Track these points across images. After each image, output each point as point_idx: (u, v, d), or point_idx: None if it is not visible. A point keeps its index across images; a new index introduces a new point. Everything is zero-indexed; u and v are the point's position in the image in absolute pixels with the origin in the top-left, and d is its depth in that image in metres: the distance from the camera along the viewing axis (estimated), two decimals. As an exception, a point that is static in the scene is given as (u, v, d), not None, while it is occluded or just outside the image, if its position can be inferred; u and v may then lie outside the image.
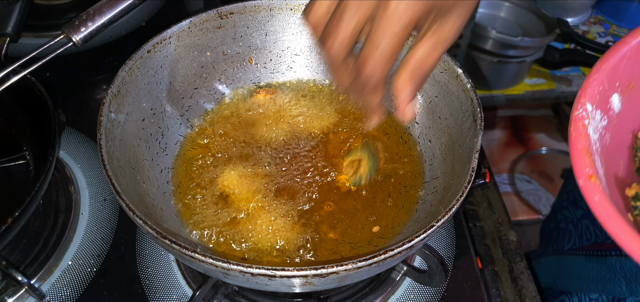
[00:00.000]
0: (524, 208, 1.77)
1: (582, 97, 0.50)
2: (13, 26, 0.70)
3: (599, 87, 0.51)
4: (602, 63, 0.52)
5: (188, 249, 0.42)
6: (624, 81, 0.54)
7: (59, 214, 0.67)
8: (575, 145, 0.47)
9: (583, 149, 0.47)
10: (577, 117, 0.49)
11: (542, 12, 1.57)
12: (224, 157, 0.63)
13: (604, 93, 0.52)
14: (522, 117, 2.04)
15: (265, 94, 0.70)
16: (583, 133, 0.48)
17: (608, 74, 0.52)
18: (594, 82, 0.51)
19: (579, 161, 0.46)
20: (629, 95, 0.55)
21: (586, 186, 0.44)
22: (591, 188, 0.43)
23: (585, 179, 0.44)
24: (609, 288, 0.73)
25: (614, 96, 0.53)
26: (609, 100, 0.53)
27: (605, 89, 0.52)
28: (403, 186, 0.62)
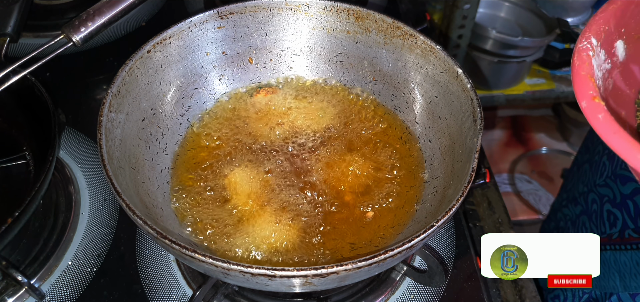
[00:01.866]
0: (524, 208, 1.77)
1: (586, 31, 0.48)
2: (13, 26, 0.70)
3: (604, 26, 0.49)
4: (610, 4, 0.50)
5: (188, 249, 0.42)
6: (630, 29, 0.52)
7: (59, 214, 0.67)
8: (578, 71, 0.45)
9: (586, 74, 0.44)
10: (581, 49, 0.47)
11: (542, 12, 1.57)
12: (224, 157, 0.63)
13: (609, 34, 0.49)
14: (522, 117, 2.04)
15: (265, 94, 0.70)
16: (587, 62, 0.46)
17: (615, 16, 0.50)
18: (601, 20, 0.49)
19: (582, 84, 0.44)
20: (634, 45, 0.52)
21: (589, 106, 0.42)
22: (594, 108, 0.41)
23: (588, 100, 0.42)
24: (603, 283, 0.73)
25: (618, 42, 0.51)
26: (613, 44, 0.51)
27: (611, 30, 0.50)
28: (403, 186, 0.62)
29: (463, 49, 1.51)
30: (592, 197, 0.82)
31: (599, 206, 0.79)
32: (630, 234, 0.69)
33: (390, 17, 0.65)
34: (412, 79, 0.66)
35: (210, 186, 0.60)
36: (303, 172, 0.62)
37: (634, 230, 0.69)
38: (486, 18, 1.65)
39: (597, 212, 0.79)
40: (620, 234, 0.71)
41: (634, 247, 0.67)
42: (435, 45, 0.62)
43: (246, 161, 0.63)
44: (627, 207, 0.71)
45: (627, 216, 0.71)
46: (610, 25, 0.50)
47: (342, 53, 0.70)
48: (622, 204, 0.72)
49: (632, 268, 0.67)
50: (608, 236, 0.74)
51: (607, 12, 0.50)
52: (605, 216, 0.77)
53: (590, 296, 0.77)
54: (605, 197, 0.77)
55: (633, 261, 0.67)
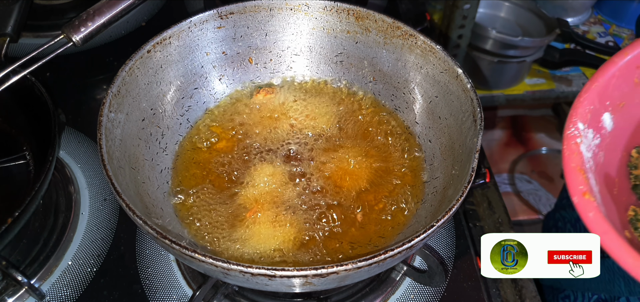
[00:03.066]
0: (524, 208, 1.77)
1: (573, 116, 0.51)
2: (13, 26, 0.70)
3: (589, 106, 0.52)
4: (591, 83, 0.53)
5: (188, 249, 0.42)
6: (615, 100, 0.55)
7: (59, 214, 0.67)
8: (568, 163, 0.48)
9: (576, 166, 0.47)
10: (569, 136, 0.50)
11: (542, 12, 1.57)
12: (224, 158, 0.63)
13: (595, 112, 0.52)
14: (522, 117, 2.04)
15: (265, 94, 0.70)
16: (576, 151, 0.49)
17: (598, 93, 0.53)
18: (585, 101, 0.52)
19: (573, 179, 0.47)
20: (620, 113, 0.56)
21: (580, 202, 0.45)
22: (585, 205, 0.44)
23: (579, 196, 0.45)
24: (609, 288, 0.73)
25: (605, 115, 0.54)
26: (600, 119, 0.54)
27: (596, 107, 0.53)
28: (403, 185, 0.61)
29: (463, 49, 1.51)
30: None
31: None
32: None
33: (390, 17, 0.65)
34: (412, 79, 0.66)
35: (210, 186, 0.60)
36: (303, 172, 0.62)
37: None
38: (486, 18, 1.65)
39: None
40: None
41: None
42: (435, 45, 0.62)
43: (246, 160, 0.63)
44: None
45: None
46: (595, 104, 0.52)
47: (342, 53, 0.70)
48: None
49: None
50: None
51: (589, 92, 0.52)
52: None
53: (600, 297, 0.78)
54: None
55: None
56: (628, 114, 0.57)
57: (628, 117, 0.57)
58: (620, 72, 0.54)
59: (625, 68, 0.55)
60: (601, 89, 0.53)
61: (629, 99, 0.56)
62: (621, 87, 0.55)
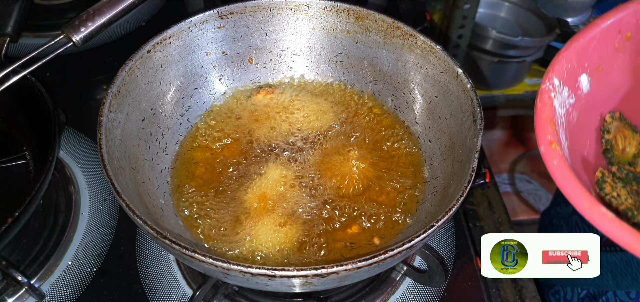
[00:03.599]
0: (524, 208, 1.77)
1: (549, 72, 0.51)
2: (13, 26, 0.70)
3: (567, 64, 0.52)
4: (571, 42, 0.52)
5: (188, 249, 0.42)
6: (593, 62, 0.55)
7: (59, 214, 0.67)
8: (539, 115, 0.48)
9: (547, 118, 0.47)
10: (544, 90, 0.50)
11: (542, 12, 1.57)
12: (224, 158, 0.63)
13: (572, 71, 0.52)
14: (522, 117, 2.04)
15: (265, 94, 0.70)
16: (548, 104, 0.49)
17: (577, 53, 0.52)
18: (563, 59, 0.52)
19: (542, 128, 0.46)
20: (598, 77, 0.55)
21: (547, 151, 0.44)
22: (551, 153, 0.44)
23: (546, 145, 0.45)
24: (598, 282, 0.74)
25: (582, 76, 0.54)
26: (577, 79, 0.53)
27: (574, 67, 0.52)
28: (403, 185, 0.61)
29: (463, 49, 1.51)
30: None
31: None
32: None
33: (390, 17, 0.65)
34: (412, 79, 0.66)
35: (210, 186, 0.60)
36: (303, 172, 0.62)
37: None
38: (486, 18, 1.65)
39: None
40: None
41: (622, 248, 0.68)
42: (435, 45, 0.62)
43: (246, 160, 0.63)
44: None
45: None
46: (572, 63, 0.52)
47: (342, 53, 0.70)
48: None
49: (623, 268, 0.68)
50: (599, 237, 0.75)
51: (569, 50, 0.52)
52: None
53: (588, 292, 0.78)
54: None
55: (623, 261, 0.68)
56: (606, 78, 0.57)
57: (605, 82, 0.57)
58: (601, 34, 0.54)
59: (606, 31, 0.54)
60: (581, 49, 0.53)
61: (608, 64, 0.56)
62: (601, 50, 0.55)
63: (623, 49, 0.57)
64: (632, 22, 0.56)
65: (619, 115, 0.61)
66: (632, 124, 0.62)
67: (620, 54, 0.57)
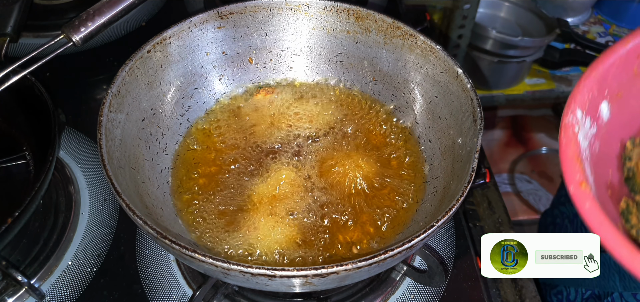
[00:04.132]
0: (524, 208, 1.77)
1: (572, 103, 0.50)
2: (13, 26, 0.70)
3: (589, 94, 0.51)
4: (591, 70, 0.52)
5: (188, 249, 0.42)
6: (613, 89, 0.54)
7: (59, 214, 0.67)
8: (565, 152, 0.47)
9: (574, 155, 0.46)
10: (568, 124, 0.48)
11: (542, 12, 1.57)
12: (224, 157, 0.63)
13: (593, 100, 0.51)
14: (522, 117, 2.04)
15: (265, 94, 0.70)
16: (573, 140, 0.47)
17: (598, 81, 0.52)
18: (585, 88, 0.51)
19: (570, 168, 0.45)
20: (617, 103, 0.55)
21: (577, 193, 0.43)
22: (582, 195, 0.43)
23: (575, 185, 0.44)
24: (604, 283, 0.73)
25: (603, 104, 0.53)
26: (598, 107, 0.53)
27: (595, 96, 0.52)
28: (403, 185, 0.61)
29: (463, 49, 1.51)
30: None
31: None
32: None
33: (390, 17, 0.65)
34: (412, 79, 0.66)
35: (210, 186, 0.60)
36: (303, 172, 0.62)
37: None
38: (486, 18, 1.65)
39: None
40: None
41: None
42: (435, 45, 0.62)
43: (246, 160, 0.63)
44: None
45: None
46: (593, 92, 0.51)
47: (342, 53, 0.70)
48: None
49: None
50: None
51: (590, 79, 0.51)
52: None
53: (593, 293, 0.78)
54: None
55: None
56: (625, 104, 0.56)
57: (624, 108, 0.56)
58: (621, 61, 0.53)
59: (625, 57, 0.54)
60: (601, 77, 0.52)
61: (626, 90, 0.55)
62: (620, 76, 0.54)
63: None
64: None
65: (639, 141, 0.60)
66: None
67: (638, 79, 0.56)
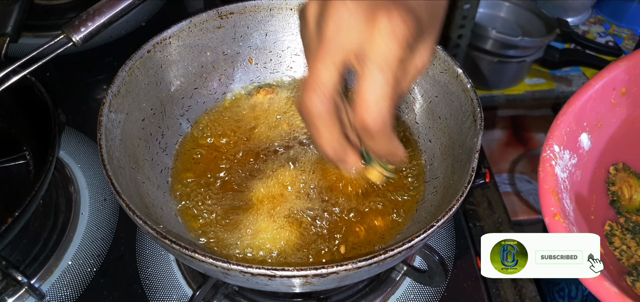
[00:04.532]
0: (524, 208, 1.77)
1: (549, 139, 0.53)
2: (13, 26, 0.70)
3: (565, 128, 0.54)
4: (567, 106, 0.55)
5: (188, 249, 0.42)
6: (592, 120, 0.57)
7: (59, 214, 0.67)
8: (542, 185, 0.50)
9: (549, 188, 0.50)
10: (545, 158, 0.52)
11: (542, 12, 1.57)
12: (224, 157, 0.63)
13: (571, 133, 0.55)
14: (522, 117, 2.04)
15: (265, 94, 0.70)
16: (550, 174, 0.51)
17: (575, 116, 0.55)
18: (561, 124, 0.54)
19: (546, 200, 0.49)
20: (597, 132, 0.58)
21: (551, 223, 0.48)
22: (555, 225, 0.47)
23: (550, 217, 0.48)
24: None
25: (582, 136, 0.57)
26: (577, 139, 0.56)
27: (573, 129, 0.55)
28: (403, 185, 0.61)
29: (463, 49, 1.51)
30: None
31: None
32: None
33: (390, 17, 0.65)
34: (412, 79, 0.66)
35: (210, 186, 0.60)
36: (303, 172, 0.62)
37: None
38: (486, 18, 1.65)
39: None
40: None
41: None
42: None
43: (246, 160, 0.63)
44: None
45: None
46: (571, 125, 0.55)
47: (342, 53, 0.70)
48: None
49: None
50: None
51: (566, 115, 0.55)
52: None
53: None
54: None
55: None
56: (605, 133, 0.59)
57: (605, 136, 0.59)
58: (597, 94, 0.57)
59: (601, 91, 0.57)
60: (578, 112, 0.55)
61: (606, 119, 0.59)
62: (598, 108, 0.58)
63: (619, 103, 0.59)
64: (626, 78, 0.58)
65: (622, 165, 0.63)
66: (637, 173, 0.64)
67: (617, 109, 0.59)
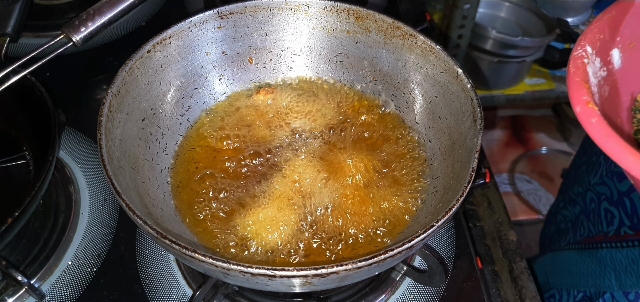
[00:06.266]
0: (524, 208, 1.77)
1: (582, 40, 0.49)
2: (13, 26, 0.70)
3: (599, 34, 0.50)
4: (604, 14, 0.51)
5: (188, 249, 0.42)
6: (626, 38, 0.53)
7: (59, 214, 0.67)
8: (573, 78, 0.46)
9: (581, 80, 0.45)
10: (576, 56, 0.48)
11: (542, 12, 1.57)
12: (224, 157, 0.63)
13: (604, 43, 0.50)
14: (522, 117, 2.04)
15: (265, 94, 0.70)
16: (582, 69, 0.47)
17: (610, 25, 0.51)
18: (596, 29, 0.50)
19: (577, 90, 0.45)
20: (629, 53, 0.54)
21: (583, 111, 0.43)
22: (588, 112, 0.43)
23: (582, 105, 0.43)
24: (599, 282, 0.73)
25: (614, 50, 0.52)
26: (609, 52, 0.52)
27: (606, 39, 0.51)
28: (403, 185, 0.61)
29: (463, 49, 1.51)
30: (590, 196, 0.82)
31: (597, 204, 0.79)
32: (626, 231, 0.69)
33: (390, 17, 0.65)
34: (412, 79, 0.66)
35: (210, 186, 0.60)
36: (302, 172, 0.62)
37: (630, 227, 0.69)
38: (486, 18, 1.65)
39: (595, 211, 0.79)
40: (616, 232, 0.72)
41: (629, 244, 0.68)
42: (435, 45, 0.62)
43: (246, 160, 0.63)
44: (624, 204, 0.71)
45: (623, 213, 0.71)
46: (605, 34, 0.51)
47: (342, 53, 0.70)
48: (619, 201, 0.73)
49: (628, 266, 0.67)
50: (604, 234, 0.74)
51: (602, 21, 0.51)
52: (602, 214, 0.77)
53: (585, 294, 0.78)
54: (603, 195, 0.77)
55: (629, 258, 0.67)
56: (637, 55, 0.55)
57: (637, 59, 0.55)
58: (635, 9, 0.53)
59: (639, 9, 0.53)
60: (614, 21, 0.52)
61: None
62: (634, 26, 0.53)
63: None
64: None
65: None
66: None
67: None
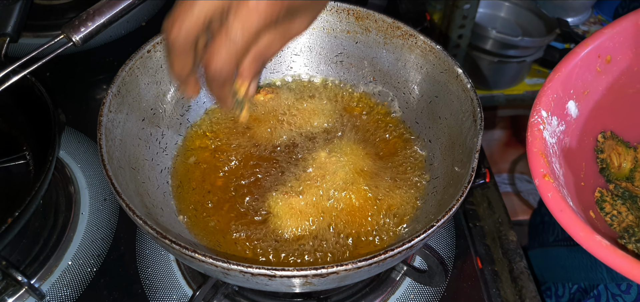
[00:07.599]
0: (524, 208, 1.77)
1: (537, 105, 0.53)
2: (13, 26, 0.70)
3: (552, 95, 0.54)
4: (554, 73, 0.55)
5: (188, 249, 0.42)
6: (578, 88, 0.57)
7: (59, 214, 0.67)
8: (531, 148, 0.51)
9: (538, 151, 0.50)
10: (533, 123, 0.52)
11: (542, 12, 1.57)
12: (224, 157, 0.63)
13: (558, 100, 0.55)
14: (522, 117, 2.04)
15: (265, 94, 0.70)
16: (538, 137, 0.51)
17: (561, 83, 0.55)
18: (548, 91, 0.54)
19: (535, 162, 0.49)
20: (585, 100, 0.58)
21: (541, 184, 0.47)
22: (545, 186, 0.47)
23: (540, 178, 0.48)
24: (591, 276, 0.75)
25: (569, 103, 0.57)
26: (565, 106, 0.56)
27: (560, 96, 0.55)
28: (403, 185, 0.61)
29: (463, 49, 1.51)
30: None
31: None
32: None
33: (390, 17, 0.65)
34: (412, 78, 0.66)
35: (210, 186, 0.60)
36: (303, 172, 0.62)
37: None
38: (486, 18, 1.65)
39: None
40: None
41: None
42: (435, 45, 0.62)
43: (246, 160, 0.63)
44: None
45: None
46: (558, 92, 0.55)
47: (342, 53, 0.70)
48: None
49: None
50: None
51: (552, 81, 0.55)
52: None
53: (580, 287, 0.79)
54: None
55: None
56: (592, 100, 0.59)
57: (593, 104, 0.60)
58: (582, 62, 0.57)
59: (586, 58, 0.57)
60: (564, 78, 0.56)
61: (593, 87, 0.59)
62: (584, 76, 0.58)
63: (605, 71, 0.59)
64: (610, 46, 0.59)
65: (610, 133, 0.63)
66: (625, 140, 0.64)
67: (603, 76, 0.60)
